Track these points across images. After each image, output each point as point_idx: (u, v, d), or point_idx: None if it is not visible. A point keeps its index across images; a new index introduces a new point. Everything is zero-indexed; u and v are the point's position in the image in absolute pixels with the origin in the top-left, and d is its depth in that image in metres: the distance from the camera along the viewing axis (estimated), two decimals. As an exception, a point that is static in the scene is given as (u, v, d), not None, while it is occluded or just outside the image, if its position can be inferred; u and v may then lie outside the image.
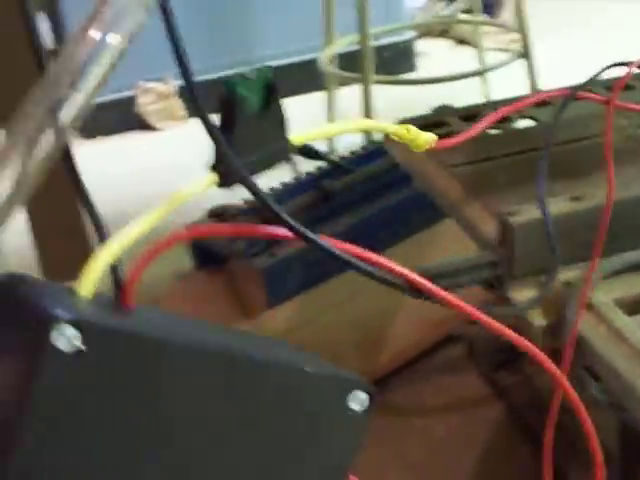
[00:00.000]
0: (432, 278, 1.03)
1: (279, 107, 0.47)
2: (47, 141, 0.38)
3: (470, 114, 1.30)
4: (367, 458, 1.30)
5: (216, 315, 1.54)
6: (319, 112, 2.54)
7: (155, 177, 2.60)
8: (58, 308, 0.35)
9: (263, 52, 2.90)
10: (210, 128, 0.39)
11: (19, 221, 2.17)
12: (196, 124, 2.06)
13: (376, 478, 1.27)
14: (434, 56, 3.41)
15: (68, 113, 0.38)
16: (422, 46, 3.40)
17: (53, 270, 1.87)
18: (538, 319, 0.90)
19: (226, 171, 0.41)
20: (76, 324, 0.34)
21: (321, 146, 2.48)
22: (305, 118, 2.66)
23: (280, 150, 0.46)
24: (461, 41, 3.46)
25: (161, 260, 1.56)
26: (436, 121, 1.30)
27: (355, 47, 2.20)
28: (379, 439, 1.35)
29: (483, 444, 1.32)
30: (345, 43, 2.33)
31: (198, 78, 1.95)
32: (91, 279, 0.38)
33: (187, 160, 2.68)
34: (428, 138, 0.68)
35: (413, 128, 0.67)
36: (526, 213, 0.94)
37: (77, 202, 1.89)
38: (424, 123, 1.29)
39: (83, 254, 1.67)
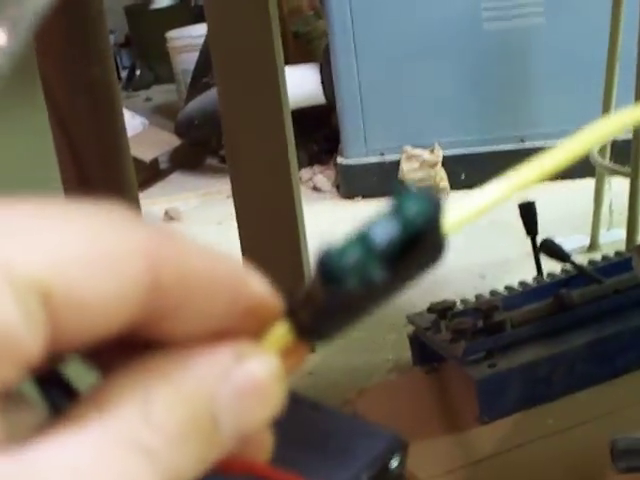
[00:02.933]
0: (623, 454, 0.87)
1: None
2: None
3: None
4: None
5: (422, 420, 1.42)
6: (588, 201, 2.36)
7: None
8: None
9: (535, 130, 2.75)
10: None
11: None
12: (459, 198, 1.95)
13: None
14: None
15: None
16: None
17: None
18: None
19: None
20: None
21: (581, 239, 2.30)
22: (571, 208, 2.52)
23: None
24: None
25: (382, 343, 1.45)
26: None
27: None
28: None
29: None
30: (621, 132, 2.14)
31: (469, 150, 1.88)
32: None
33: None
34: None
35: None
36: None
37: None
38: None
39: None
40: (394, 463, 0.37)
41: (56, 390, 0.23)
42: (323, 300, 0.24)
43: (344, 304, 0.24)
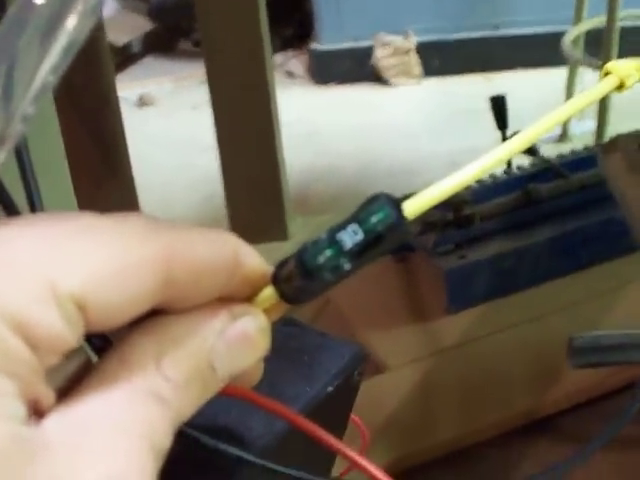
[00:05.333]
0: (590, 350, 0.91)
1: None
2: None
3: None
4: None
5: (391, 309, 1.46)
6: (561, 91, 2.37)
7: (377, 133, 2.53)
8: None
9: (510, 17, 2.75)
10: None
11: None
12: (432, 85, 1.97)
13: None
14: None
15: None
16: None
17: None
18: None
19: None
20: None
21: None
22: (544, 97, 2.53)
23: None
24: None
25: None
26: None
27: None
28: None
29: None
30: (593, 24, 2.15)
31: (443, 36, 1.89)
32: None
33: (414, 121, 2.60)
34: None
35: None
36: None
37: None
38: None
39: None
40: (356, 373, 0.43)
41: (95, 338, 0.30)
42: (302, 284, 0.30)
43: (318, 287, 0.30)
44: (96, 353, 0.30)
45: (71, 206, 0.83)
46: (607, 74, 0.40)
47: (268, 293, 0.31)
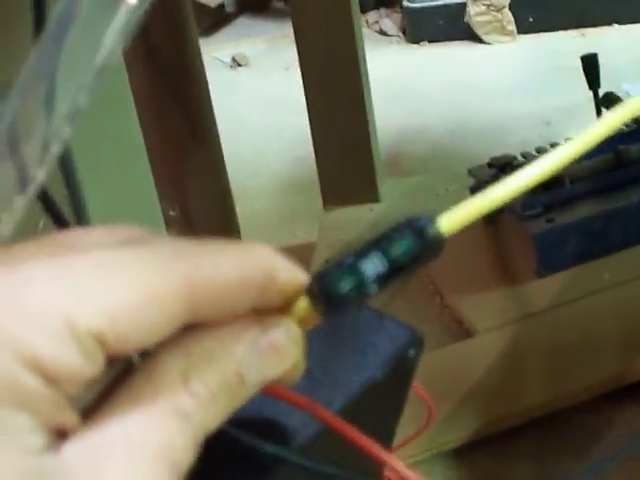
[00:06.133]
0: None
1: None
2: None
3: None
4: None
5: (480, 273, 1.46)
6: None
7: (470, 92, 2.50)
8: None
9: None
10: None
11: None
12: (526, 42, 1.93)
13: None
14: None
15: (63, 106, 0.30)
16: None
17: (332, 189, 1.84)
18: None
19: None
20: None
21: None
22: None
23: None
24: None
25: (444, 194, 1.48)
26: None
27: None
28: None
29: None
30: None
31: None
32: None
33: (508, 79, 2.57)
34: None
35: None
36: None
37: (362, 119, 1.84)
38: None
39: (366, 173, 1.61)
40: (411, 352, 0.42)
41: None
42: (326, 309, 0.30)
43: (344, 309, 0.30)
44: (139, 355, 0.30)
45: (147, 180, 0.84)
46: None
47: (304, 304, 0.31)
